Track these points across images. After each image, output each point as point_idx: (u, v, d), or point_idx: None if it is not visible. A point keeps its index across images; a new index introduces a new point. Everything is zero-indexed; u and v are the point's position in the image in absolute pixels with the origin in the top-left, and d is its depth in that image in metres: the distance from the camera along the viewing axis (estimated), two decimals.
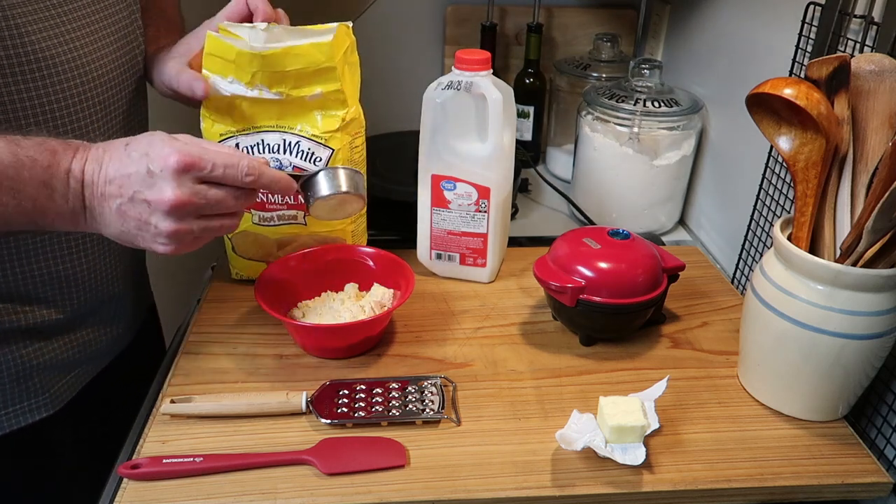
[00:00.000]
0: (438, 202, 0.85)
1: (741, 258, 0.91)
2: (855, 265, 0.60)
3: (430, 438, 0.65)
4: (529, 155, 1.21)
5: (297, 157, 0.77)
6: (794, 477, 0.62)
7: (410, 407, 0.67)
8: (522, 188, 1.17)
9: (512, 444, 0.65)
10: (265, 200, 0.80)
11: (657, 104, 1.00)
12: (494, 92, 0.78)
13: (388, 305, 0.76)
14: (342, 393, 0.69)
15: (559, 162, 1.25)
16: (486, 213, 0.84)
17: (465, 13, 1.26)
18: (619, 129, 1.01)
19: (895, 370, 0.66)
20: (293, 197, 0.80)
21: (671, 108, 1.00)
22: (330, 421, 0.65)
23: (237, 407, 0.66)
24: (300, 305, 0.79)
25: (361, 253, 0.82)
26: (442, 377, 0.71)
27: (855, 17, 0.70)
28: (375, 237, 0.93)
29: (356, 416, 0.66)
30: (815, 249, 0.64)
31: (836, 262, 0.60)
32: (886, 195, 0.54)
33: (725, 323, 0.82)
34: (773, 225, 0.70)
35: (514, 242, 0.97)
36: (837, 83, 0.60)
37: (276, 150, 0.77)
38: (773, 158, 0.84)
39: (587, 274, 0.73)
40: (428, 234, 0.88)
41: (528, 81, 1.24)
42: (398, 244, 0.89)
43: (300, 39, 0.72)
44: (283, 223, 0.82)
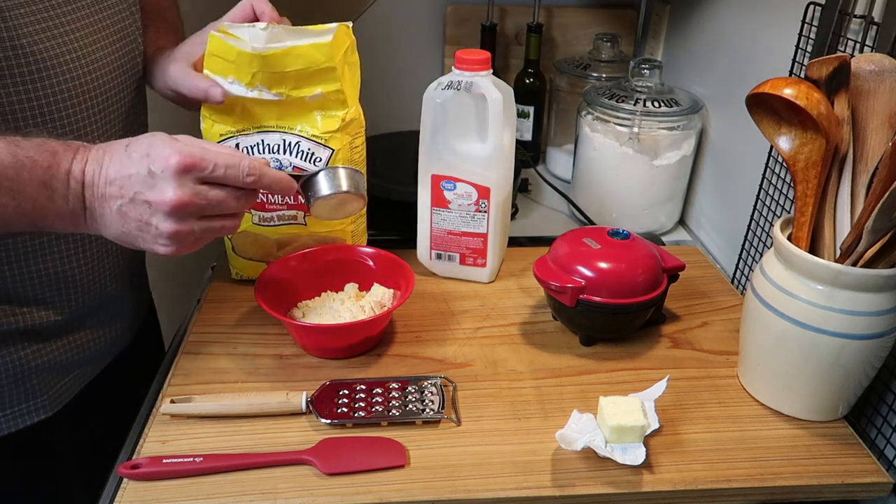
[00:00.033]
0: (438, 202, 0.85)
1: (741, 258, 0.91)
2: (855, 265, 0.60)
3: (430, 438, 0.65)
4: (529, 155, 1.21)
5: (297, 157, 0.77)
6: (794, 477, 0.62)
7: (410, 407, 0.67)
8: (522, 188, 1.17)
9: (512, 444, 0.65)
10: (265, 200, 0.80)
11: (657, 104, 1.00)
12: (494, 92, 0.78)
13: (388, 305, 0.76)
14: (342, 393, 0.69)
15: (559, 162, 1.25)
16: (486, 213, 0.84)
17: (465, 13, 1.26)
18: (619, 129, 1.01)
19: (895, 370, 0.66)
20: (293, 197, 0.80)
21: (671, 108, 1.00)
22: (330, 421, 0.65)
23: (237, 407, 0.66)
24: (300, 305, 0.79)
25: (361, 253, 0.82)
26: (442, 377, 0.71)
27: (855, 17, 0.70)
28: (375, 237, 0.93)
29: (356, 416, 0.66)
30: (815, 249, 0.64)
31: (836, 262, 0.60)
32: (886, 195, 0.54)
33: (725, 323, 0.82)
34: (773, 225, 0.70)
35: (514, 242, 0.97)
36: (837, 83, 0.60)
37: (276, 150, 0.77)
38: (773, 158, 0.84)
39: (587, 274, 0.73)
40: (428, 234, 0.88)
41: (528, 81, 1.24)
42: (398, 244, 0.89)
43: (300, 40, 0.72)
44: (283, 223, 0.82)
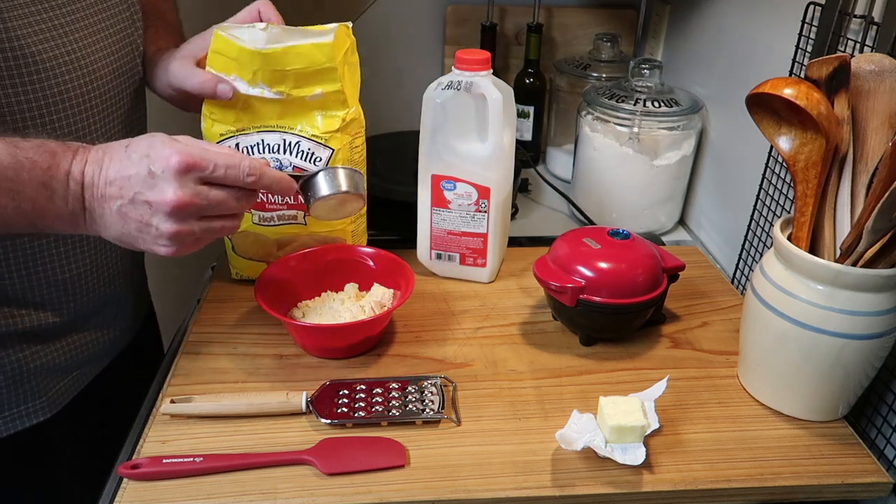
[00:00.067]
0: (438, 202, 0.85)
1: (741, 258, 0.91)
2: (855, 265, 0.60)
3: (430, 438, 0.65)
4: (529, 155, 1.21)
5: (297, 157, 0.77)
6: (794, 477, 0.62)
7: (410, 407, 0.67)
8: (522, 188, 1.17)
9: (512, 444, 0.65)
10: (265, 200, 0.80)
11: (657, 104, 1.00)
12: (494, 92, 0.78)
13: (388, 305, 0.76)
14: (342, 393, 0.69)
15: (559, 162, 1.25)
16: (486, 213, 0.84)
17: (465, 13, 1.26)
18: (619, 129, 1.01)
19: (895, 370, 0.66)
20: (293, 197, 0.80)
21: (671, 108, 1.00)
22: (330, 421, 0.65)
23: (237, 407, 0.66)
24: (300, 305, 0.79)
25: (361, 253, 0.82)
26: (442, 377, 0.71)
27: (855, 17, 0.70)
28: (375, 237, 0.93)
29: (356, 416, 0.66)
30: (815, 249, 0.64)
31: (836, 262, 0.60)
32: (886, 195, 0.54)
33: (725, 323, 0.82)
34: (773, 225, 0.70)
35: (514, 242, 0.97)
36: (837, 83, 0.60)
37: (276, 150, 0.77)
38: (773, 158, 0.84)
39: (587, 274, 0.73)
40: (428, 234, 0.88)
41: (528, 81, 1.24)
42: (398, 244, 0.89)
43: (300, 40, 0.72)
44: (283, 223, 0.82)
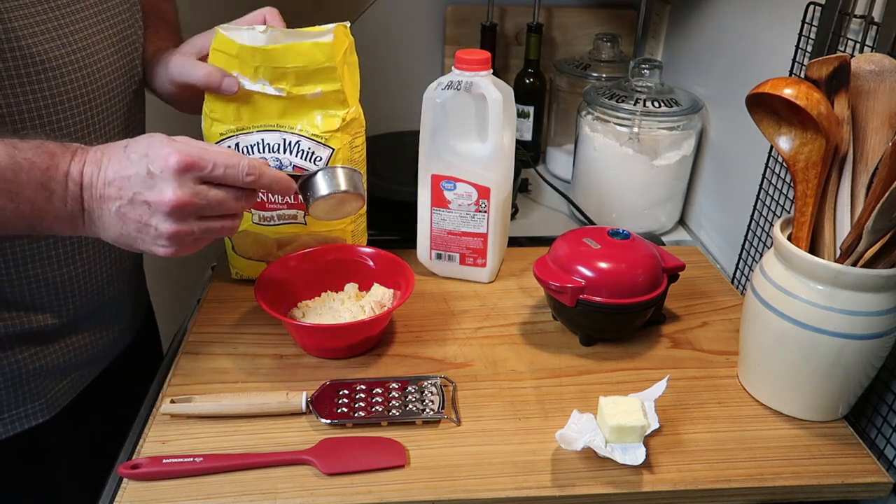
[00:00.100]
0: (438, 202, 0.85)
1: (741, 258, 0.91)
2: (855, 265, 0.60)
3: (430, 438, 0.65)
4: (529, 155, 1.20)
5: (297, 156, 0.77)
6: (794, 477, 0.62)
7: (410, 407, 0.67)
8: (522, 188, 1.17)
9: (512, 444, 0.65)
10: (265, 200, 0.80)
11: (657, 104, 1.00)
12: (494, 92, 0.78)
13: (388, 305, 0.76)
14: (342, 393, 0.69)
15: (559, 162, 1.25)
16: (486, 213, 0.84)
17: (465, 13, 1.26)
18: (619, 129, 1.01)
19: (895, 370, 0.66)
20: (293, 196, 0.80)
21: (671, 108, 1.00)
22: (330, 421, 0.65)
23: (237, 407, 0.66)
24: (300, 305, 0.79)
25: (361, 253, 0.82)
26: (442, 377, 0.71)
27: (855, 17, 0.70)
28: (375, 237, 0.93)
29: (356, 416, 0.66)
30: (815, 249, 0.64)
31: (836, 262, 0.60)
32: (886, 195, 0.54)
33: (725, 323, 0.82)
34: (773, 225, 0.70)
35: (514, 242, 0.97)
36: (837, 83, 0.60)
37: (276, 149, 0.77)
38: (773, 158, 0.84)
39: (587, 274, 0.73)
40: (428, 234, 0.88)
41: (528, 81, 1.24)
42: (398, 244, 0.89)
43: (299, 40, 0.72)
44: (283, 223, 0.82)
